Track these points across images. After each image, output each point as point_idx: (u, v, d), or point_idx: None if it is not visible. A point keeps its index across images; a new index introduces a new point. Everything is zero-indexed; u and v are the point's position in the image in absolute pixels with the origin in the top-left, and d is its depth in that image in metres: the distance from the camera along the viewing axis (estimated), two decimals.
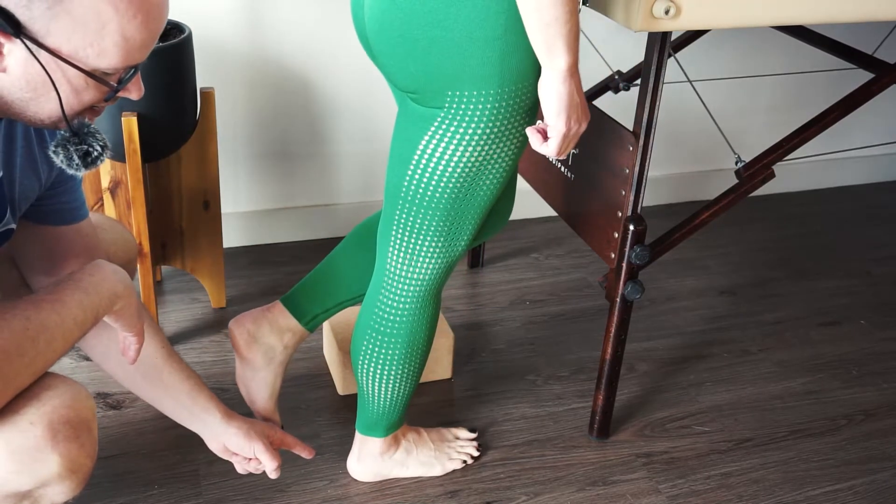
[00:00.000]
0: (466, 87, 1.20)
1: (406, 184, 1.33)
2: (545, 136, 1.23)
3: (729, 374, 1.97)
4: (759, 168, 1.58)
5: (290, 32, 2.13)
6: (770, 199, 2.76)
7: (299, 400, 1.80)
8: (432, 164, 1.28)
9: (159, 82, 1.70)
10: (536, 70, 1.21)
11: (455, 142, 1.25)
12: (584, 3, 1.38)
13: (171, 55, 1.71)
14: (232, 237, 2.31)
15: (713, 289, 2.29)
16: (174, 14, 1.95)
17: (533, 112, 1.27)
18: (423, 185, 1.31)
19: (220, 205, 1.95)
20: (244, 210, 2.31)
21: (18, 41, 0.90)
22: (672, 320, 2.15)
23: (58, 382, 1.04)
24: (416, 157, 1.30)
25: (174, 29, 1.79)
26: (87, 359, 1.85)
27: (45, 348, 1.01)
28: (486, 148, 1.26)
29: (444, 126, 1.25)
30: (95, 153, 1.01)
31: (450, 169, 1.28)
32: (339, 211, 2.37)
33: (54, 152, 1.01)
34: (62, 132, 1.00)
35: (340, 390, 1.82)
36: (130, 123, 1.68)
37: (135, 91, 1.01)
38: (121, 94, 1.00)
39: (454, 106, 1.23)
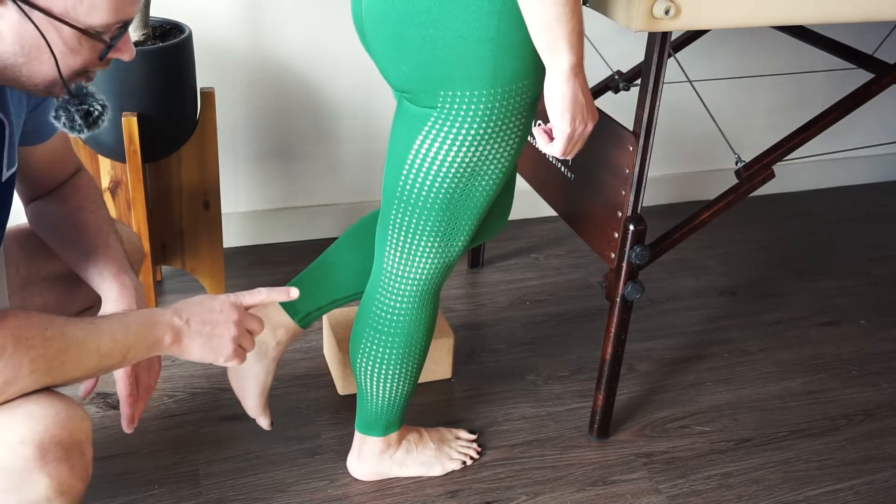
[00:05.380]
0: (459, 87, 1.20)
1: (402, 184, 1.33)
2: (552, 137, 1.23)
3: (729, 374, 1.97)
4: (758, 168, 1.58)
5: (290, 32, 2.13)
6: (770, 199, 2.76)
7: (299, 400, 1.80)
8: (426, 165, 1.28)
9: (159, 82, 1.70)
10: (531, 71, 1.21)
11: (448, 142, 1.25)
12: (584, 3, 1.38)
13: (171, 55, 1.71)
14: (232, 237, 2.31)
15: (713, 289, 2.29)
16: (174, 14, 1.95)
17: (530, 113, 1.27)
18: (417, 185, 1.31)
19: (220, 205, 1.95)
20: (244, 210, 2.31)
21: (10, 3, 0.88)
22: (672, 320, 2.15)
23: (55, 401, 1.00)
24: (410, 157, 1.29)
25: (174, 29, 1.79)
26: None
27: (54, 355, 0.98)
28: (481, 148, 1.26)
29: (437, 126, 1.25)
30: (97, 112, 1.01)
31: (444, 169, 1.28)
32: (339, 211, 2.37)
33: (55, 116, 1.00)
34: (61, 97, 0.99)
35: (340, 390, 1.82)
36: (130, 123, 1.68)
37: (126, 51, 1.00)
38: (113, 54, 0.99)
39: (447, 106, 1.22)
